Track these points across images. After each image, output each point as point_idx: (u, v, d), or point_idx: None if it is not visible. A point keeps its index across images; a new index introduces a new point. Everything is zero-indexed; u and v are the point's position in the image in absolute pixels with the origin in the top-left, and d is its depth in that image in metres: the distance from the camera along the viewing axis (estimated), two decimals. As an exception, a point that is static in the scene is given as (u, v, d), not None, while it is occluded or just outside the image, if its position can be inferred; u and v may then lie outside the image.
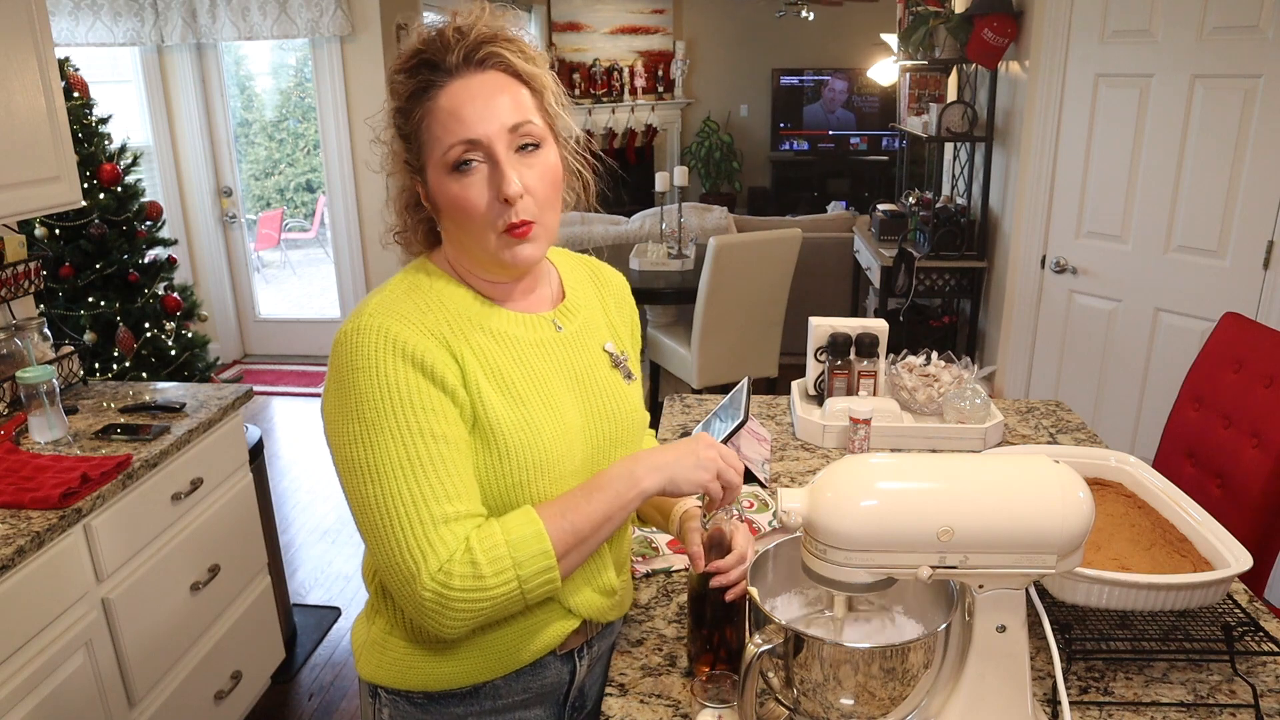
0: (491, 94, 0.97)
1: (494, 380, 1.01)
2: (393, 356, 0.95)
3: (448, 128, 0.96)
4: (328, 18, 4.80)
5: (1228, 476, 1.86)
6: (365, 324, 0.96)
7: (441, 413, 0.96)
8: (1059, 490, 0.89)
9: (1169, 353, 2.95)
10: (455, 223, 1.01)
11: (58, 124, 2.08)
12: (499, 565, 0.94)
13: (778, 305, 3.90)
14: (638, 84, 8.18)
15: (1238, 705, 1.10)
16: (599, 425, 1.10)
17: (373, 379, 0.94)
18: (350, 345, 0.96)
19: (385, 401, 0.94)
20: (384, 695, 1.11)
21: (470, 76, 0.97)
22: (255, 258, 6.62)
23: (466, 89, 0.97)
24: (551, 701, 1.16)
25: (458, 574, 0.92)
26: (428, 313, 1.00)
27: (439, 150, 0.97)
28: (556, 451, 1.03)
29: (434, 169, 0.99)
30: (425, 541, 0.93)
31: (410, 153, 1.01)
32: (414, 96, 0.98)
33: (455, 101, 0.96)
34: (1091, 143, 3.14)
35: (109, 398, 2.24)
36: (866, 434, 1.75)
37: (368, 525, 0.95)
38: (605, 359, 1.14)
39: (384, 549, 0.94)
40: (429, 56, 0.98)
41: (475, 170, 0.97)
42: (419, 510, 0.93)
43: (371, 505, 0.94)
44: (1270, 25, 2.54)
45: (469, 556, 0.93)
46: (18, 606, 1.58)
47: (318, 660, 2.73)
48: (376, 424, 0.94)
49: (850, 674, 0.92)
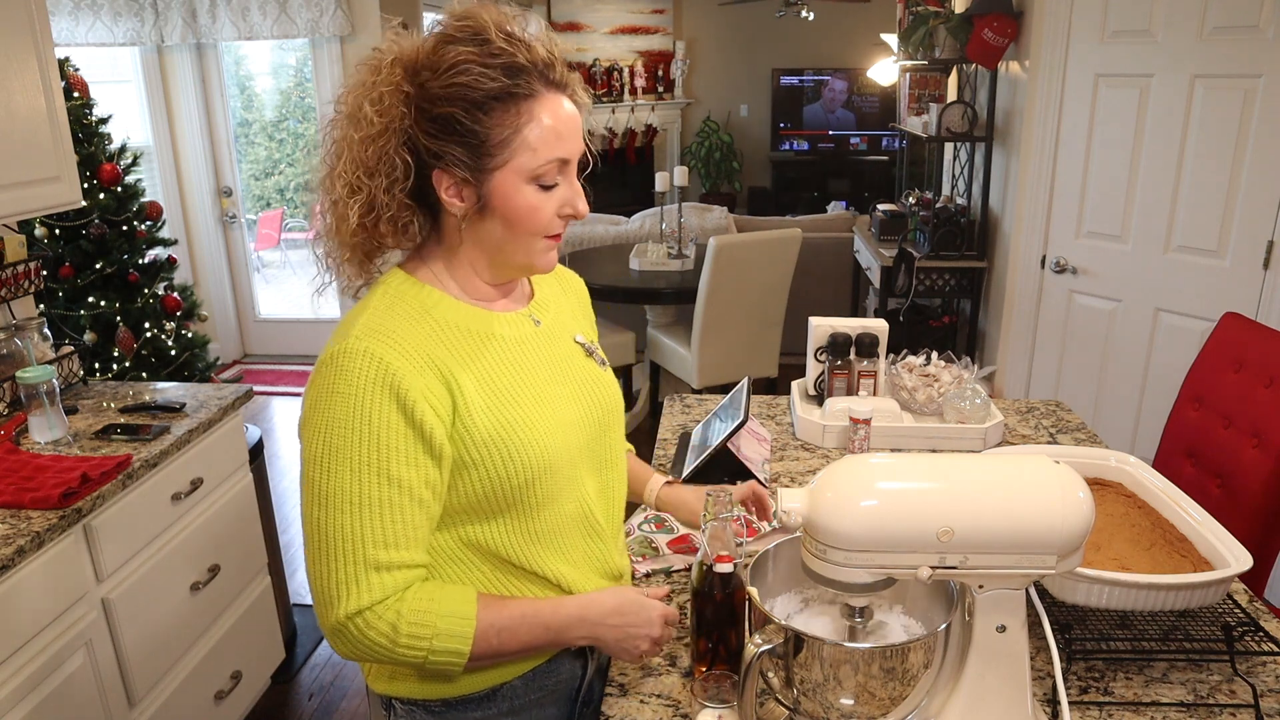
0: (576, 120, 1.02)
1: (489, 389, 1.01)
2: (376, 388, 0.94)
3: (548, 142, 0.98)
4: (328, 18, 4.80)
5: (1228, 476, 1.86)
6: (353, 347, 0.95)
7: (408, 457, 0.95)
8: (1059, 490, 0.89)
9: (1169, 353, 2.95)
10: (512, 227, 1.01)
11: (58, 124, 2.08)
12: (416, 637, 0.97)
13: (778, 305, 3.90)
14: (638, 84, 8.17)
15: (1238, 705, 1.10)
16: (590, 413, 1.12)
17: (349, 407, 0.94)
18: (335, 368, 0.95)
19: (353, 433, 0.94)
20: (400, 707, 1.11)
21: (561, 97, 1.00)
22: (255, 258, 6.62)
23: (563, 108, 1.00)
24: (564, 699, 1.17)
25: (375, 628, 0.95)
26: (417, 328, 0.99)
27: (531, 159, 0.97)
28: (556, 447, 1.04)
29: (510, 173, 0.98)
30: (352, 580, 0.95)
31: (466, 150, 0.97)
32: (504, 96, 0.96)
33: (558, 118, 0.98)
34: (1091, 143, 3.14)
35: (109, 398, 2.24)
36: (866, 434, 1.75)
37: (308, 544, 0.98)
38: (579, 350, 1.17)
39: (313, 570, 0.97)
40: (526, 61, 0.96)
41: (558, 186, 1.01)
42: (354, 550, 0.95)
43: (314, 528, 0.96)
44: (1270, 25, 2.54)
45: (392, 620, 0.96)
46: (18, 606, 1.58)
47: (318, 660, 2.73)
48: (340, 452, 0.94)
49: (850, 674, 0.92)
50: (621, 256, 4.44)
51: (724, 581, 1.10)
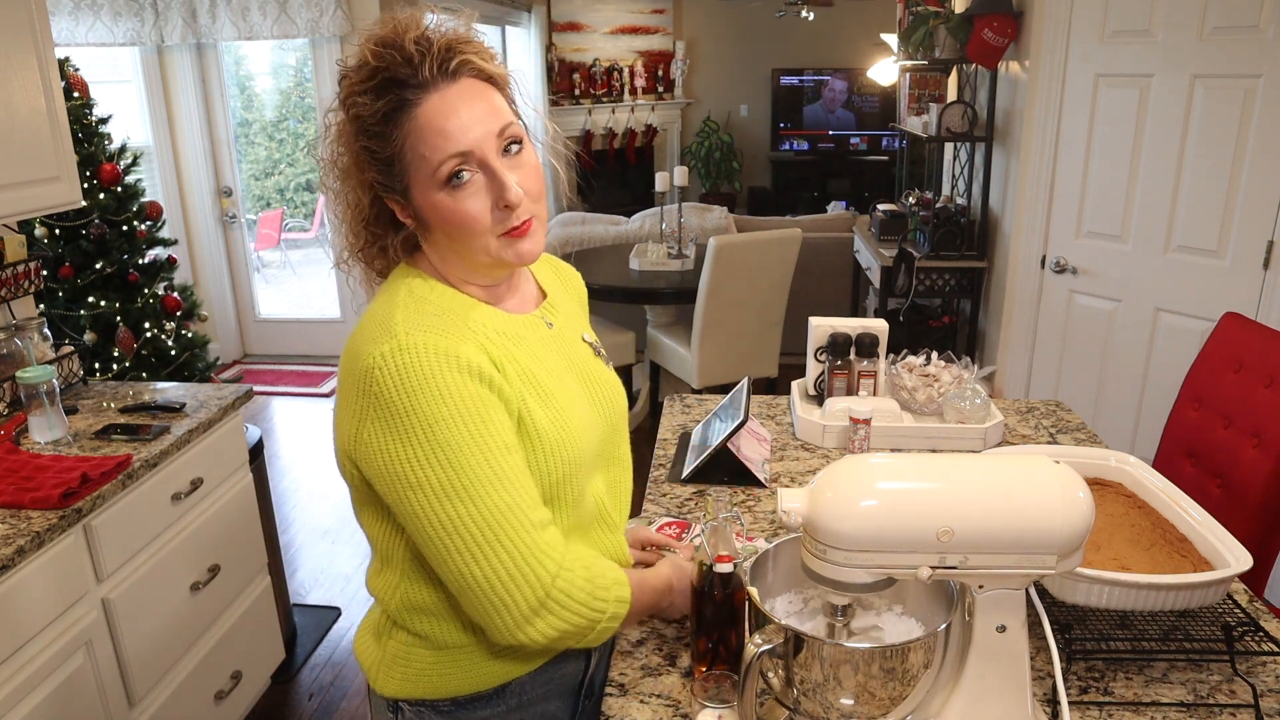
0: (471, 102, 0.95)
1: (527, 381, 1.01)
2: (453, 372, 0.93)
3: (434, 145, 0.94)
4: (327, 18, 4.80)
5: (1228, 476, 1.86)
6: (407, 343, 0.93)
7: (506, 424, 0.96)
8: (1059, 490, 0.89)
9: (1169, 353, 2.95)
10: (451, 235, 0.99)
11: (58, 124, 2.08)
12: (603, 586, 1.01)
13: (778, 305, 3.90)
14: (638, 84, 8.17)
15: (1238, 705, 1.10)
16: (603, 411, 1.13)
17: (438, 399, 0.91)
18: (397, 367, 0.92)
19: (456, 419, 0.92)
20: (407, 709, 1.10)
21: (446, 88, 0.94)
22: (255, 258, 6.62)
23: (445, 102, 0.94)
24: (568, 693, 1.17)
25: (574, 584, 0.98)
26: (453, 321, 0.99)
27: (427, 169, 0.95)
28: (583, 444, 1.05)
29: (422, 187, 0.96)
30: (536, 547, 0.95)
31: (385, 174, 0.97)
32: (387, 118, 0.94)
33: (437, 117, 0.93)
34: (1091, 143, 3.14)
35: (109, 398, 2.24)
36: (866, 434, 1.75)
37: (460, 546, 0.93)
38: (588, 349, 1.17)
39: (492, 564, 0.93)
40: (394, 73, 0.93)
41: (470, 182, 0.96)
42: (521, 520, 0.94)
43: (466, 524, 0.93)
44: (1270, 25, 2.54)
45: (583, 571, 0.99)
46: (18, 606, 1.58)
47: (318, 660, 2.73)
48: (453, 443, 0.92)
49: (850, 674, 0.92)
50: (621, 256, 4.44)
51: (724, 581, 1.10)
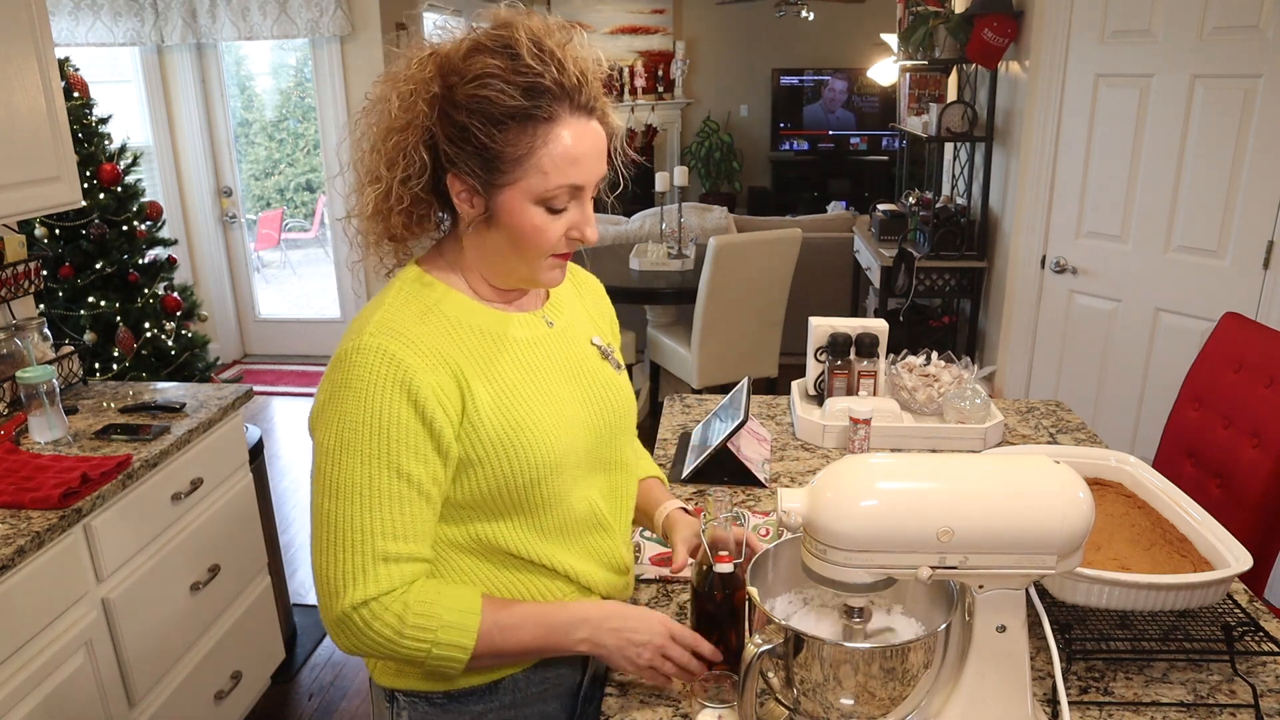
0: (599, 145, 1.00)
1: (498, 389, 1.02)
2: (388, 385, 0.95)
3: (559, 168, 0.96)
4: (328, 18, 4.80)
5: (1228, 476, 1.86)
6: (366, 344, 0.96)
7: (418, 453, 0.97)
8: (1059, 490, 0.89)
9: (1169, 353, 2.95)
10: (515, 242, 1.01)
11: (58, 124, 2.08)
12: (421, 629, 0.98)
13: (778, 305, 3.90)
14: (638, 84, 8.17)
15: (1238, 705, 1.10)
16: (599, 414, 1.12)
17: (361, 402, 0.95)
18: (349, 364, 0.96)
19: (365, 427, 0.95)
20: (402, 699, 1.12)
21: (585, 122, 0.98)
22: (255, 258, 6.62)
23: (585, 134, 0.97)
24: (566, 695, 1.17)
25: (381, 619, 0.96)
26: (431, 326, 1.01)
27: (540, 184, 0.96)
28: (562, 447, 1.05)
29: (520, 193, 0.97)
30: (360, 570, 0.96)
31: (474, 160, 0.96)
32: (521, 117, 0.94)
33: (576, 144, 0.96)
34: (1091, 143, 3.14)
35: (109, 398, 2.24)
36: (866, 434, 1.75)
37: (316, 535, 0.98)
38: (594, 352, 1.17)
39: (320, 561, 0.97)
40: (547, 85, 0.94)
41: (566, 210, 1.00)
42: (363, 541, 0.96)
43: (323, 519, 0.97)
44: (1270, 25, 2.54)
45: (399, 611, 0.97)
46: (18, 606, 1.58)
47: (318, 660, 2.73)
48: (351, 445, 0.95)
49: (850, 674, 0.92)
50: (621, 256, 4.44)
51: (724, 581, 1.10)
